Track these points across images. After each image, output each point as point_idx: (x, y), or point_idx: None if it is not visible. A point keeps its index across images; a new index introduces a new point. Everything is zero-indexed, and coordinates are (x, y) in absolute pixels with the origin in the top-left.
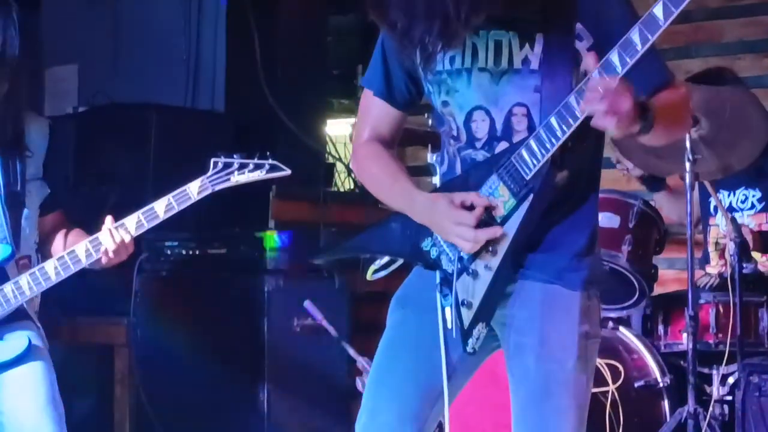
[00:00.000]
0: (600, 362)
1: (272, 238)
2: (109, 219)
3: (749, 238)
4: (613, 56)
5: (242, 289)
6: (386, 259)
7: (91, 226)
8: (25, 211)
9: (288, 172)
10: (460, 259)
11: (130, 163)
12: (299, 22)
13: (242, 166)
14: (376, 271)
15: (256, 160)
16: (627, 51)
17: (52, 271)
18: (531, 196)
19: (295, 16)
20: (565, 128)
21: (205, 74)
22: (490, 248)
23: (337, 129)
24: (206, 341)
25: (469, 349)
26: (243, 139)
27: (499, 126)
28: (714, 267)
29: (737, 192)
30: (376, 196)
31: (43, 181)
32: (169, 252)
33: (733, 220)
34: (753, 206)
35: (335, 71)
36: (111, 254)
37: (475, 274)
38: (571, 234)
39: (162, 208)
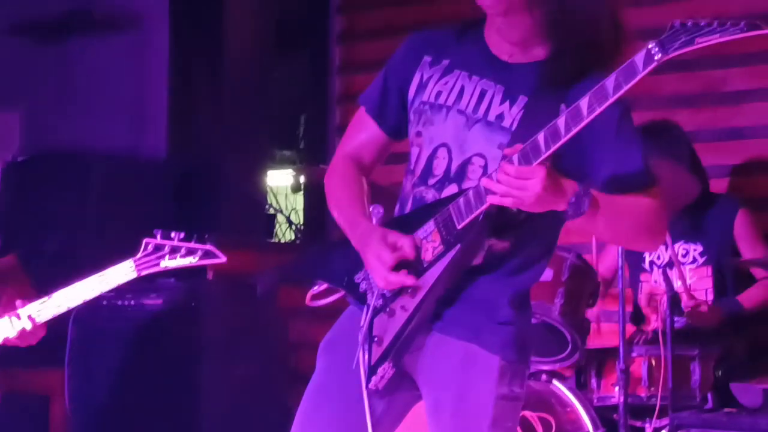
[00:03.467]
0: (532, 415)
1: None
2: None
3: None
4: (539, 138)
5: (178, 338)
6: (325, 285)
7: (34, 275)
8: None
9: (223, 259)
10: (382, 295)
11: (72, 212)
12: (243, 70)
13: (173, 251)
14: (315, 297)
15: (190, 244)
16: (552, 136)
17: None
18: (458, 247)
19: (239, 64)
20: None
21: (148, 122)
22: (410, 290)
23: (278, 180)
24: (142, 392)
25: (371, 385)
26: (184, 188)
27: (454, 168)
28: (649, 325)
29: (676, 246)
30: (330, 209)
31: None
32: (105, 302)
33: (665, 273)
34: (695, 260)
35: (277, 122)
36: (15, 340)
37: (391, 313)
38: (494, 297)
39: (83, 292)
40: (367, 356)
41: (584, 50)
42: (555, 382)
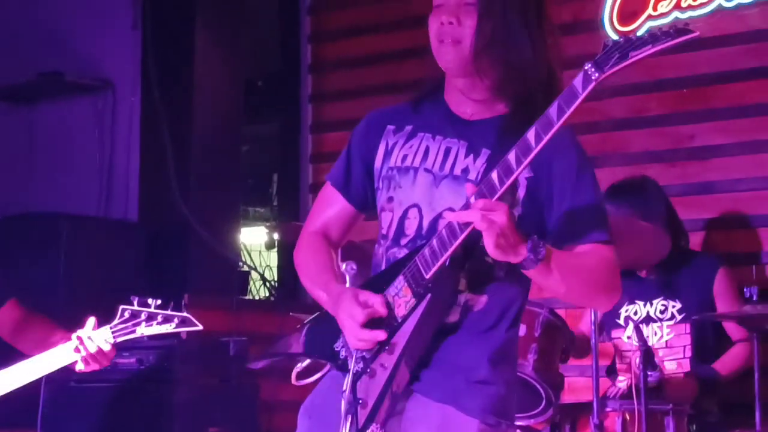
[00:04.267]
0: None
1: None
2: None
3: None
4: (493, 175)
5: (151, 399)
6: (307, 361)
7: None
8: None
9: (199, 327)
10: (362, 358)
11: (42, 273)
12: (213, 130)
13: (150, 318)
14: (300, 375)
15: (167, 312)
16: (505, 172)
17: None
18: (428, 296)
19: (210, 124)
20: (458, 231)
21: (118, 183)
22: (387, 347)
23: (252, 237)
24: None
25: None
26: (156, 248)
27: (425, 225)
28: (623, 381)
29: (654, 302)
30: (304, 284)
31: None
32: None
33: (637, 328)
34: (673, 316)
35: (250, 180)
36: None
37: (372, 373)
38: (472, 358)
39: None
40: (349, 423)
41: (538, 100)
42: None
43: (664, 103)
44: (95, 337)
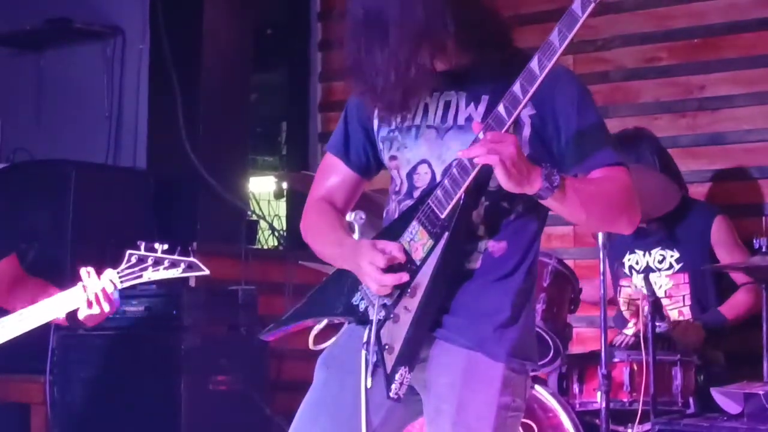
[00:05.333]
0: None
1: None
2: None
3: None
4: (500, 108)
5: (159, 347)
6: (325, 322)
7: None
8: None
9: (207, 272)
10: (384, 305)
11: (50, 220)
12: (222, 79)
13: (157, 263)
14: (317, 339)
15: (174, 257)
16: (511, 103)
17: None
18: (446, 235)
19: (219, 73)
20: (469, 167)
21: (127, 131)
22: (408, 291)
23: (260, 186)
24: (123, 399)
25: (392, 394)
26: (165, 196)
27: (438, 178)
28: (630, 329)
29: (653, 252)
30: (312, 245)
31: None
32: None
33: (646, 278)
34: (671, 266)
35: (259, 128)
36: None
37: (396, 318)
38: (496, 303)
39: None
40: (371, 372)
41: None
42: (537, 387)
43: (674, 53)
44: (99, 281)
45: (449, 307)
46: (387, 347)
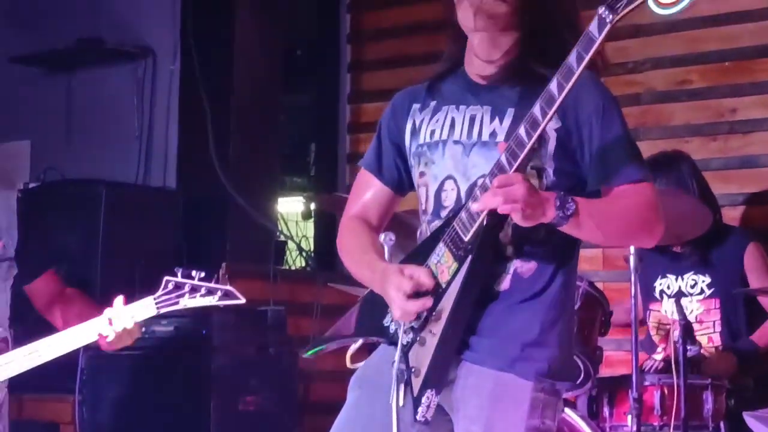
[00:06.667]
0: None
1: None
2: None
3: None
4: (521, 130)
5: (188, 367)
6: (360, 342)
7: None
8: None
9: (242, 300)
10: (411, 328)
11: (80, 240)
12: (252, 99)
13: (194, 290)
14: (354, 358)
15: (211, 284)
16: (531, 126)
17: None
18: (470, 258)
19: (248, 93)
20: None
21: (157, 151)
22: (434, 314)
23: (288, 207)
24: (152, 419)
25: (419, 417)
26: (194, 216)
27: (463, 195)
28: (659, 354)
29: (686, 277)
30: (348, 267)
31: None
32: None
33: (678, 302)
34: (702, 291)
35: (287, 149)
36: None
37: (422, 342)
38: (524, 323)
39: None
40: (401, 393)
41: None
42: (567, 410)
43: (706, 76)
44: (122, 315)
45: (477, 329)
46: (414, 370)
